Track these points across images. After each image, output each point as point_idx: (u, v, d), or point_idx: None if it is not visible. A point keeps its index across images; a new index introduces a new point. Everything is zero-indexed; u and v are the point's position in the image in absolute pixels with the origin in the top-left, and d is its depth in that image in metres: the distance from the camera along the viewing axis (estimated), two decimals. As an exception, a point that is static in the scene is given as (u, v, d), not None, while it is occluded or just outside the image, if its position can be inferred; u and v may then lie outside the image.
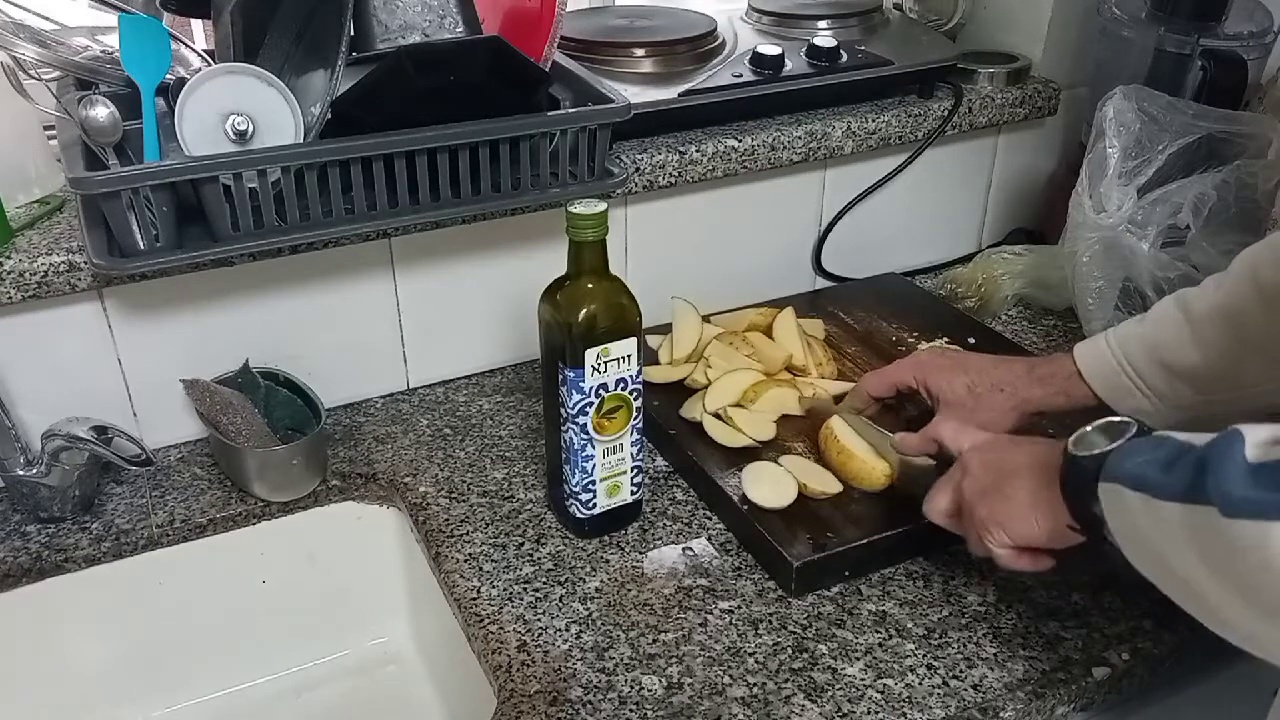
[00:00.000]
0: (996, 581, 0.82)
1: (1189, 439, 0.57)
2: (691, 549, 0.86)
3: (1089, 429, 0.65)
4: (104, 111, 0.84)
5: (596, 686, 0.74)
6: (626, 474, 0.86)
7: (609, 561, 0.85)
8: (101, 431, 0.87)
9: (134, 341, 0.94)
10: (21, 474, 0.87)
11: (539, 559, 0.85)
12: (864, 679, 0.74)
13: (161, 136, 0.84)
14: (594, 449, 0.82)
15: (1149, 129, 1.03)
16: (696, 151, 1.06)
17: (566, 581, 0.83)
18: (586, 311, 0.78)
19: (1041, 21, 1.25)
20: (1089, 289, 1.08)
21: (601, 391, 0.80)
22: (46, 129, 0.96)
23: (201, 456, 0.99)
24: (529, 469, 0.96)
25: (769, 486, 0.86)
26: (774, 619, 0.79)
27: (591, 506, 0.85)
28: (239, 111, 0.81)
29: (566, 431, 0.82)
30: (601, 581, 0.83)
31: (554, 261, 0.81)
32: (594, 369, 0.79)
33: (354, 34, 0.86)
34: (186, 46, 0.99)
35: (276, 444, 0.93)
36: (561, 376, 0.80)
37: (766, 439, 0.92)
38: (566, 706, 0.72)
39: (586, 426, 0.81)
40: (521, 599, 0.81)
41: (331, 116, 0.84)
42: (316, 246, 0.95)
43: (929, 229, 1.30)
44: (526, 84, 0.88)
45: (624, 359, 0.80)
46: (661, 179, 1.06)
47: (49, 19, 0.97)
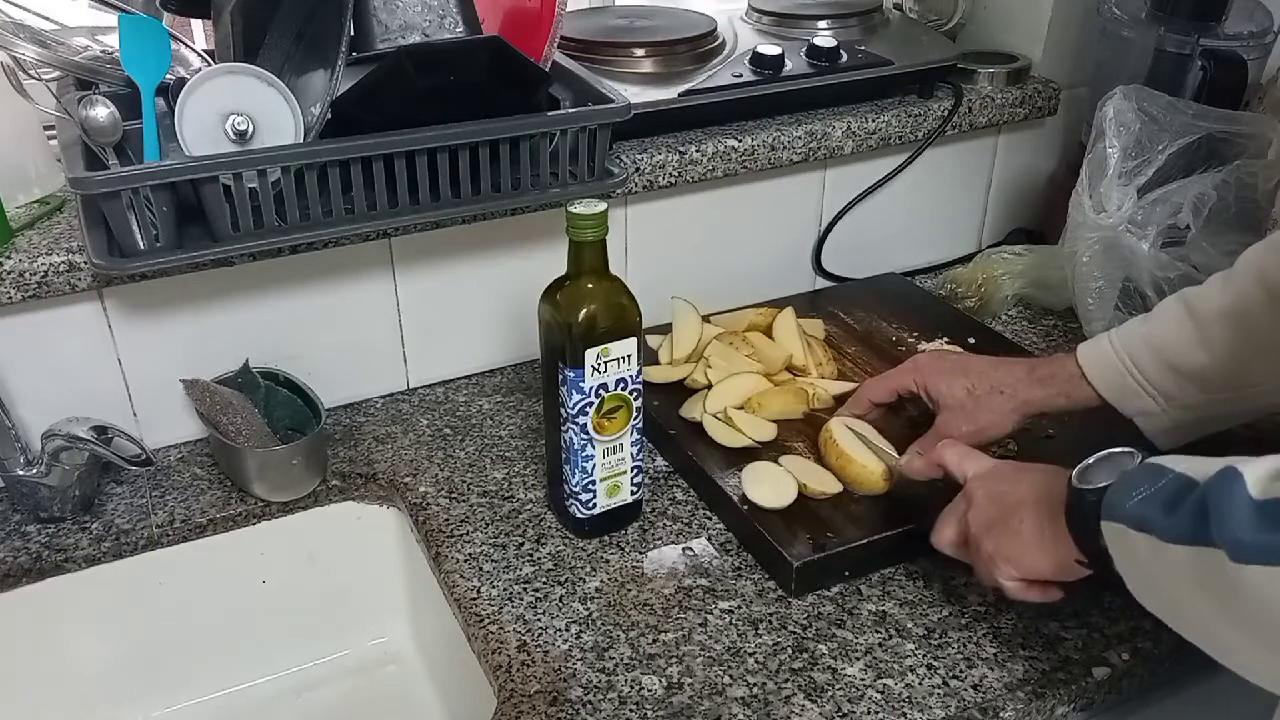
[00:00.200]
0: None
1: (1187, 470, 0.56)
2: (691, 549, 0.86)
3: (1093, 461, 0.63)
4: (104, 111, 0.84)
5: (596, 686, 0.74)
6: (626, 474, 0.86)
7: (609, 561, 0.85)
8: (101, 431, 0.87)
9: (134, 341, 0.94)
10: (21, 474, 0.87)
11: (539, 559, 0.85)
12: (864, 679, 0.74)
13: (161, 136, 0.84)
14: (594, 449, 0.82)
15: (1149, 129, 1.03)
16: (696, 151, 1.06)
17: (566, 581, 0.83)
18: (586, 311, 0.78)
19: (1041, 21, 1.25)
20: (1089, 289, 1.08)
21: (601, 391, 0.80)
22: (46, 129, 0.96)
23: (201, 456, 0.99)
24: (529, 469, 0.96)
25: (769, 486, 0.86)
26: (774, 619, 0.79)
27: (591, 506, 0.85)
28: (239, 111, 0.81)
29: (566, 431, 0.82)
30: (601, 581, 0.83)
31: (554, 261, 0.81)
32: (594, 369, 0.79)
33: (354, 34, 0.86)
34: (186, 46, 0.99)
35: (276, 444, 0.93)
36: (561, 376, 0.80)
37: (766, 439, 0.92)
38: (566, 706, 0.72)
39: (586, 426, 0.81)
40: (521, 599, 0.81)
41: (331, 116, 0.84)
42: (316, 246, 0.95)
43: (929, 229, 1.30)
44: (526, 84, 0.88)
45: (624, 359, 0.80)
46: (661, 179, 1.06)
47: (49, 19, 0.97)
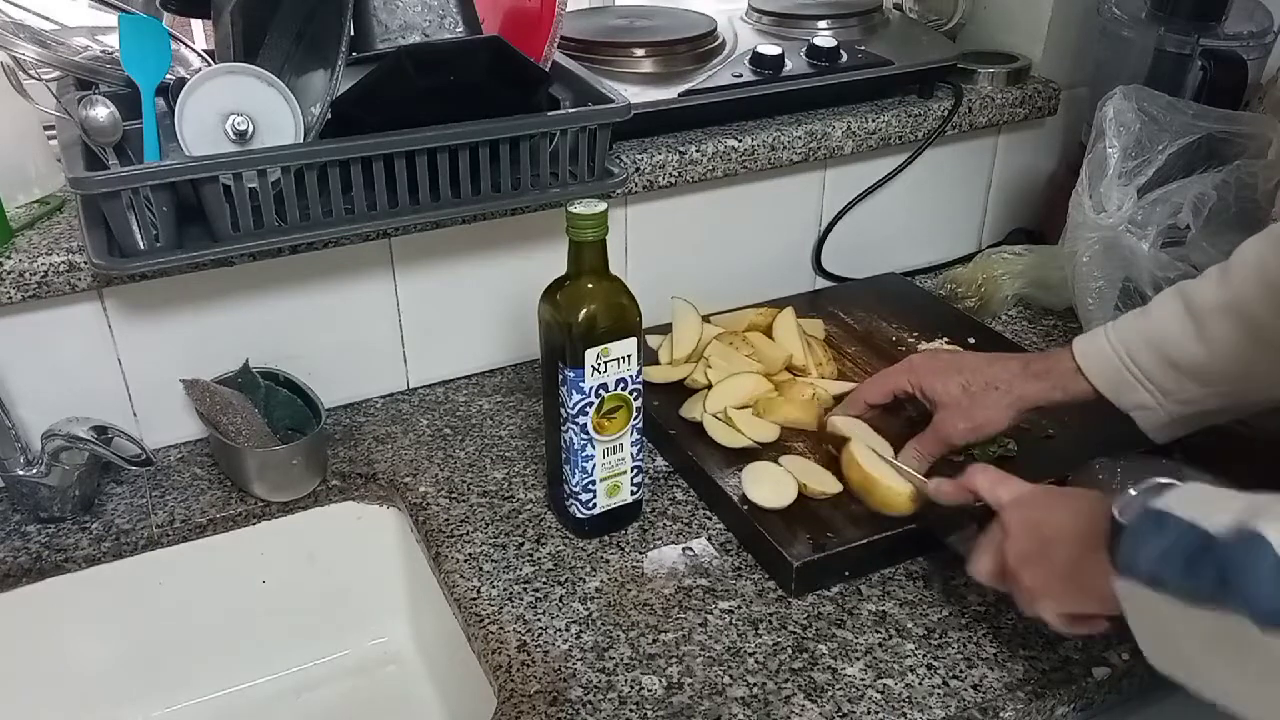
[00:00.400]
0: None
1: (1199, 521, 0.54)
2: (691, 549, 0.86)
3: (1134, 493, 0.60)
4: (104, 111, 0.84)
5: (596, 686, 0.74)
6: (626, 474, 0.85)
7: (609, 561, 0.85)
8: (101, 431, 0.87)
9: (134, 341, 0.94)
10: (21, 474, 0.87)
11: (539, 559, 0.85)
12: (864, 679, 0.74)
13: (161, 136, 0.84)
14: (594, 449, 0.82)
15: (1149, 129, 1.03)
16: (696, 151, 1.06)
17: (566, 581, 0.83)
18: (586, 311, 0.78)
19: (1041, 21, 1.25)
20: (1089, 289, 1.08)
21: (601, 391, 0.80)
22: (46, 129, 0.96)
23: (201, 456, 0.99)
24: (529, 469, 0.96)
25: (769, 486, 0.86)
26: (774, 619, 0.79)
27: (591, 506, 0.85)
28: (239, 111, 0.81)
29: (566, 431, 0.82)
30: (601, 581, 0.83)
31: (554, 261, 0.81)
32: (594, 369, 0.79)
33: (354, 34, 0.86)
34: (186, 46, 0.99)
35: (276, 444, 0.93)
36: (561, 376, 0.80)
37: (767, 440, 0.92)
38: (566, 706, 0.72)
39: (586, 426, 0.81)
40: (521, 599, 0.81)
41: (331, 116, 0.84)
42: (316, 246, 0.95)
43: (929, 229, 1.30)
44: (526, 84, 0.88)
45: (624, 359, 0.80)
46: (661, 179, 1.06)
47: (49, 19, 0.97)
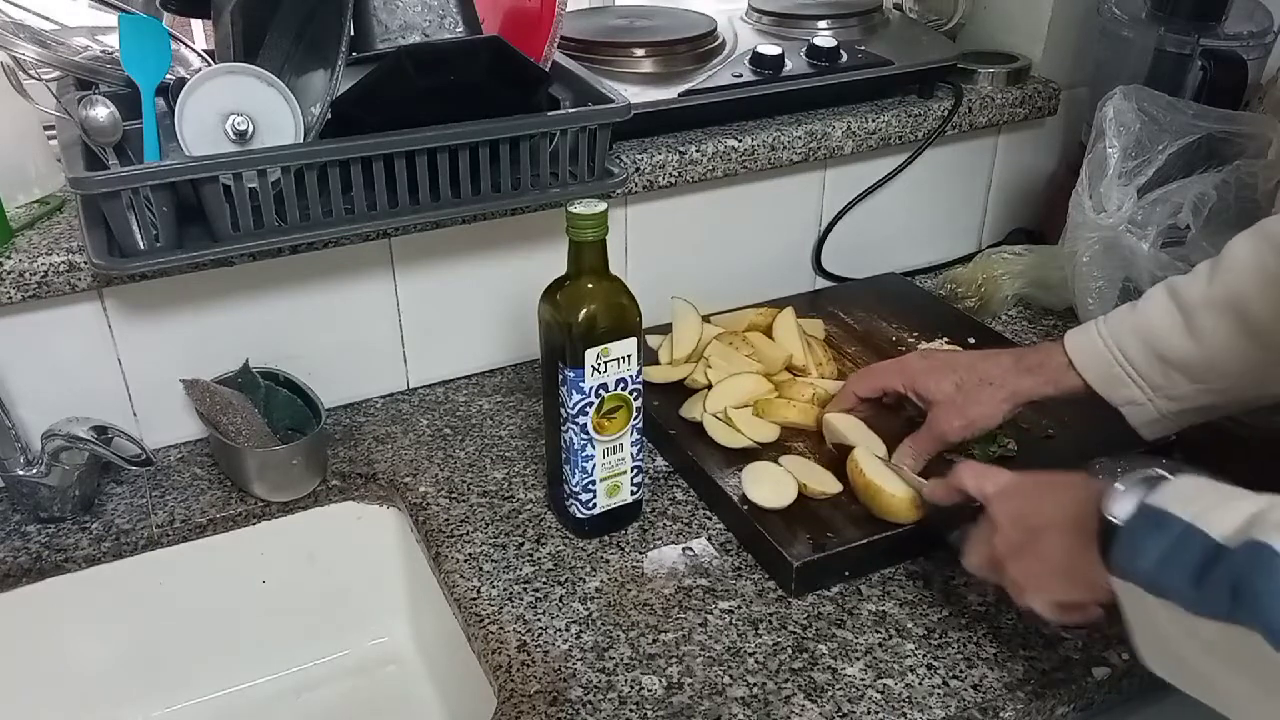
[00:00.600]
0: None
1: (1201, 525, 0.53)
2: (691, 549, 0.86)
3: (1120, 486, 0.59)
4: (104, 111, 0.84)
5: (596, 686, 0.74)
6: (626, 474, 0.86)
7: (609, 561, 0.85)
8: (101, 431, 0.87)
9: (134, 341, 0.94)
10: (21, 474, 0.87)
11: (539, 559, 0.85)
12: (864, 679, 0.74)
13: (161, 136, 0.84)
14: (594, 449, 0.82)
15: (1149, 129, 1.03)
16: (696, 151, 1.06)
17: (566, 581, 0.83)
18: (586, 311, 0.78)
19: (1041, 21, 1.25)
20: (1089, 289, 1.08)
21: (601, 391, 0.80)
22: (46, 129, 0.96)
23: (201, 456, 0.99)
24: (529, 469, 0.96)
25: (769, 486, 0.86)
26: (774, 619, 0.79)
27: (591, 506, 0.85)
28: (239, 111, 0.81)
29: (566, 431, 0.82)
30: (601, 581, 0.83)
31: (554, 261, 0.81)
32: (594, 369, 0.79)
33: (354, 34, 0.86)
34: (186, 46, 0.99)
35: (276, 444, 0.93)
36: (561, 376, 0.80)
37: (767, 440, 0.92)
38: (566, 706, 0.72)
39: (586, 426, 0.81)
40: (521, 599, 0.81)
41: (331, 116, 0.84)
42: (316, 246, 0.95)
43: (929, 229, 1.30)
44: (526, 84, 0.88)
45: (624, 359, 0.80)
46: (661, 179, 1.06)
47: (49, 19, 0.97)
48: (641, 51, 1.09)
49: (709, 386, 0.97)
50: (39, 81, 0.90)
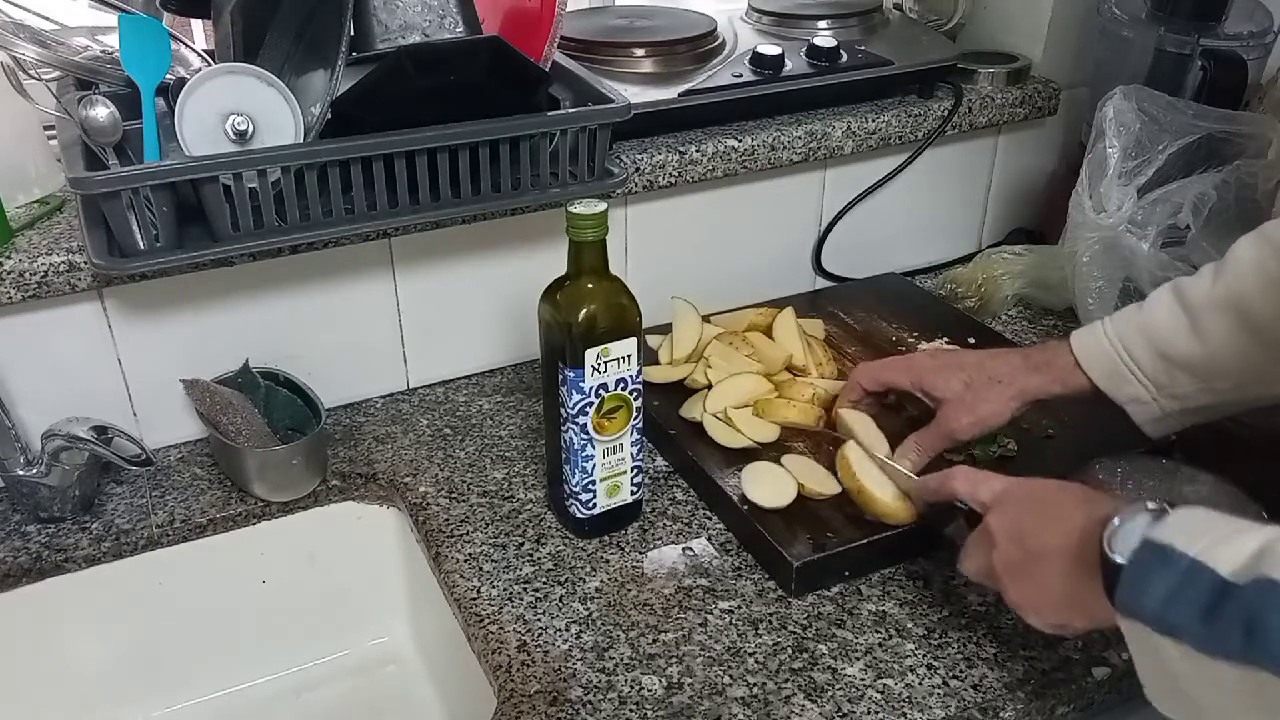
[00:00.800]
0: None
1: (1208, 561, 0.52)
2: (691, 549, 0.86)
3: (1120, 522, 0.57)
4: (104, 111, 0.84)
5: (596, 686, 0.74)
6: (626, 474, 0.85)
7: (609, 561, 0.85)
8: (101, 431, 0.87)
9: (134, 341, 0.94)
10: (21, 474, 0.87)
11: (539, 559, 0.85)
12: (864, 679, 0.74)
13: (161, 136, 0.84)
14: (594, 449, 0.82)
15: (1149, 129, 1.03)
16: (696, 151, 1.06)
17: (566, 581, 0.83)
18: (586, 311, 0.78)
19: (1041, 21, 1.25)
20: (1089, 289, 1.08)
21: (601, 391, 0.80)
22: (46, 129, 0.96)
23: (201, 456, 0.99)
24: (529, 469, 0.96)
25: (769, 486, 0.86)
26: (774, 619, 0.79)
27: (591, 506, 0.85)
28: (239, 111, 0.81)
29: (566, 431, 0.82)
30: (601, 581, 0.83)
31: (554, 261, 0.81)
32: (594, 369, 0.79)
33: (354, 34, 0.86)
34: (186, 46, 0.99)
35: (276, 444, 0.93)
36: (561, 376, 0.80)
37: (767, 440, 0.92)
38: (566, 706, 0.72)
39: (586, 426, 0.81)
40: (521, 599, 0.81)
41: (331, 116, 0.84)
42: (316, 246, 0.95)
43: (929, 229, 1.30)
44: (526, 84, 0.88)
45: (624, 359, 0.80)
46: (661, 179, 1.06)
47: (49, 19, 0.97)
48: (641, 51, 1.09)
49: (709, 386, 0.97)
50: (39, 81, 0.90)
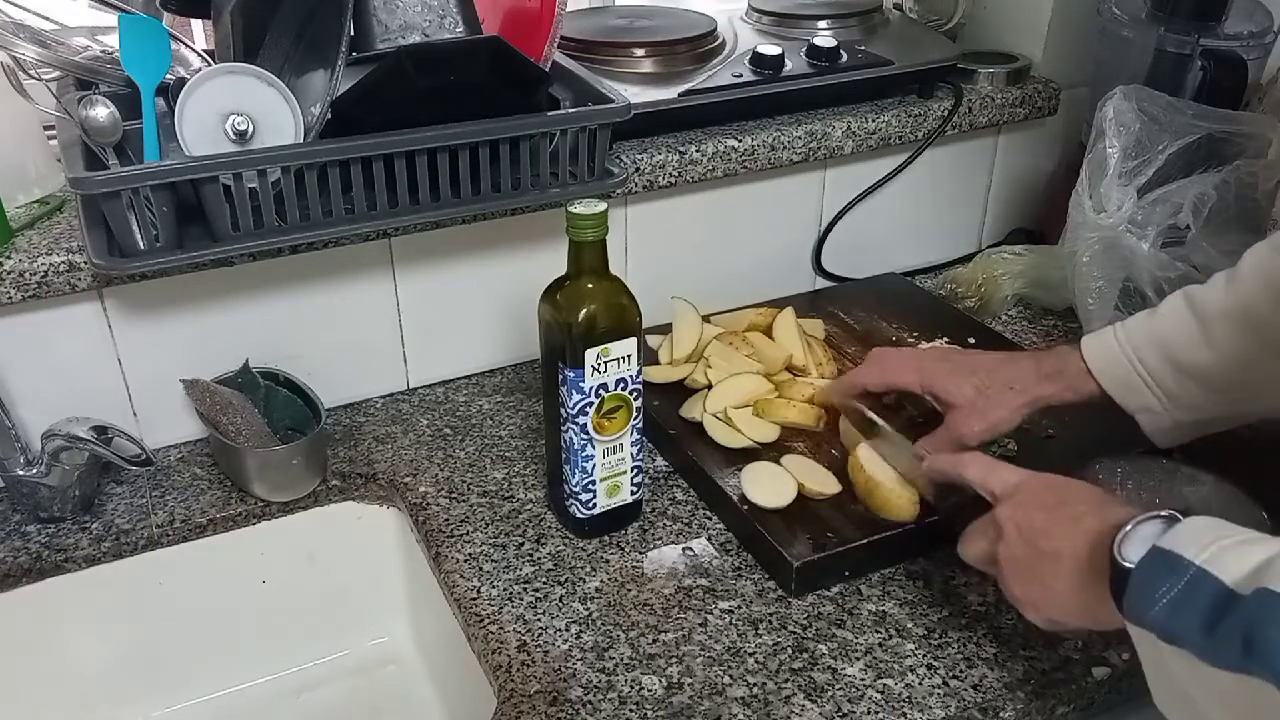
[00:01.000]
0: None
1: (1213, 569, 0.51)
2: (691, 549, 0.86)
3: (1131, 528, 0.58)
4: (104, 111, 0.84)
5: (596, 686, 0.74)
6: (626, 474, 0.86)
7: (609, 561, 0.85)
8: (101, 431, 0.87)
9: (134, 341, 0.94)
10: (21, 474, 0.87)
11: (539, 559, 0.85)
12: (864, 679, 0.74)
13: (161, 136, 0.84)
14: (594, 449, 0.82)
15: (1149, 129, 1.03)
16: (696, 151, 1.06)
17: (566, 581, 0.83)
18: (586, 311, 0.78)
19: (1041, 21, 1.25)
20: (1089, 289, 1.08)
21: (601, 391, 0.80)
22: (46, 129, 0.96)
23: (201, 456, 0.99)
24: (529, 469, 0.96)
25: (769, 486, 0.86)
26: (774, 619, 0.79)
27: (591, 506, 0.85)
28: (239, 111, 0.81)
29: (566, 431, 0.82)
30: (601, 581, 0.83)
31: (554, 261, 0.81)
32: (594, 369, 0.79)
33: (354, 34, 0.86)
34: (186, 46, 0.99)
35: (276, 444, 0.93)
36: (561, 376, 0.80)
37: (767, 440, 0.92)
38: (566, 706, 0.72)
39: (586, 426, 0.81)
40: (521, 599, 0.81)
41: (331, 116, 0.84)
42: (316, 246, 0.95)
43: (929, 229, 1.30)
44: (526, 84, 0.88)
45: (624, 359, 0.80)
46: (661, 179, 1.06)
47: (49, 19, 0.97)
48: (641, 51, 1.09)
49: (709, 386, 0.98)
50: (39, 81, 0.90)
